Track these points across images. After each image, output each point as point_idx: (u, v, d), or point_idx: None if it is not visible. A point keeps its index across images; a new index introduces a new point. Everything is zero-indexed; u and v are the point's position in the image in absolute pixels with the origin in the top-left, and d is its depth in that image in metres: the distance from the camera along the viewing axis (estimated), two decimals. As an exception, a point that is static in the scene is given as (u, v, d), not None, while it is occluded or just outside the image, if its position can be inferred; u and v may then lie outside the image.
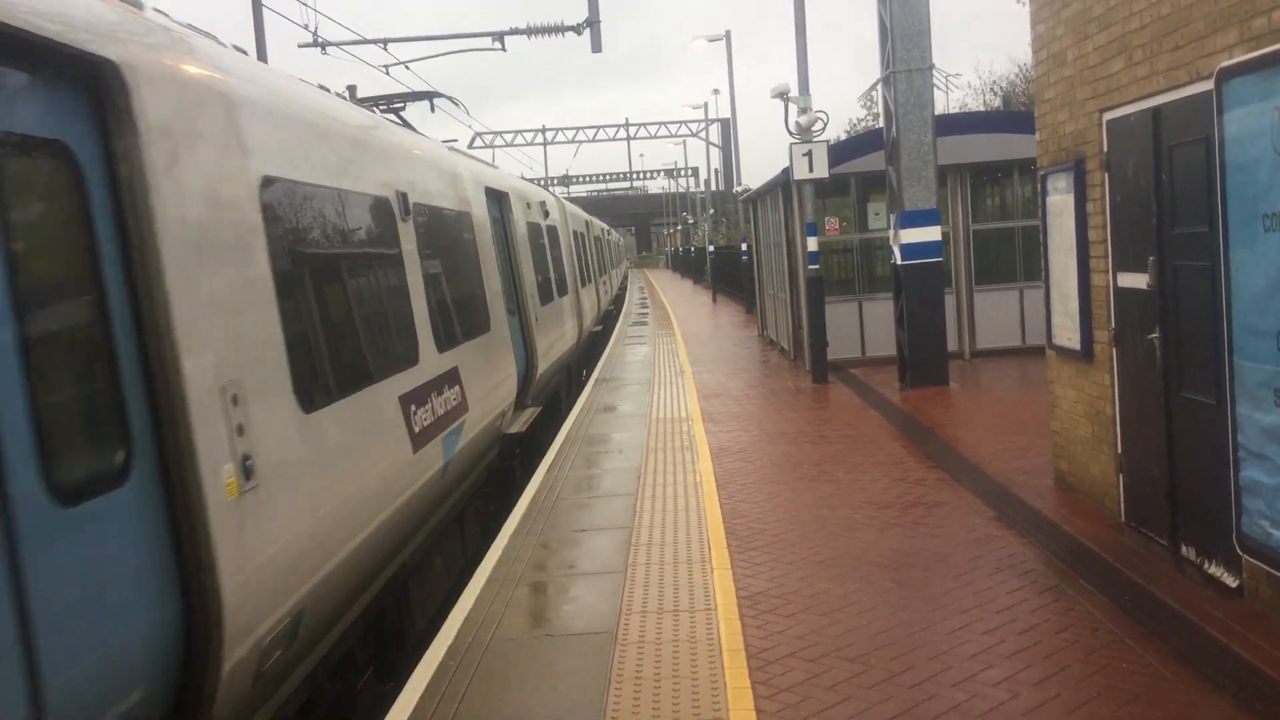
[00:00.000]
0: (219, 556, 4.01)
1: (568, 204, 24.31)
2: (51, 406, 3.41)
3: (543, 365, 13.23)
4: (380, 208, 7.11)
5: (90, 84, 3.81)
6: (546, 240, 16.33)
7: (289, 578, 4.70)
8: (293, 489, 4.86)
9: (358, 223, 6.61)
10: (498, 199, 12.53)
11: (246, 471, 4.37)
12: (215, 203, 4.53)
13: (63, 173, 3.60)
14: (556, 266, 17.16)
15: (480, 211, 10.90)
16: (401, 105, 10.68)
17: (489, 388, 9.51)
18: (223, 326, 4.41)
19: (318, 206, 5.84)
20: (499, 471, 10.61)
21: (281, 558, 4.63)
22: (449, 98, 13.04)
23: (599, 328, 26.40)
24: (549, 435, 13.29)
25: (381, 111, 9.75)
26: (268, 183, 5.08)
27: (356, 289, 6.43)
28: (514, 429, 10.88)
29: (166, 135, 4.14)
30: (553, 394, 15.47)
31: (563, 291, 17.28)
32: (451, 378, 8.10)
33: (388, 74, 22.60)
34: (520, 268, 12.89)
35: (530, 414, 11.82)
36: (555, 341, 15.08)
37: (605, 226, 43.79)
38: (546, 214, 16.94)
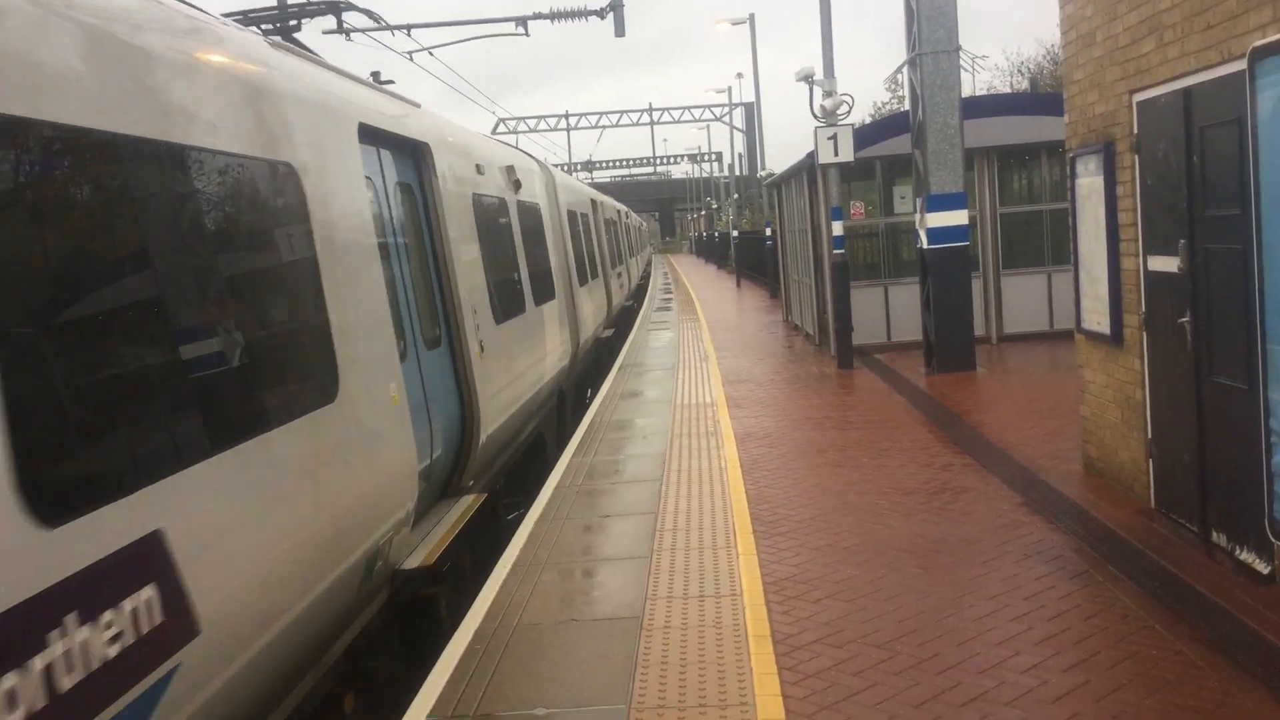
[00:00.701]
0: None
1: (562, 175, 18.39)
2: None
3: (494, 422, 8.54)
4: None
5: None
6: (517, 224, 11.39)
7: None
8: None
9: None
10: (411, 153, 7.78)
11: None
12: None
13: None
14: (536, 261, 12.29)
15: (335, 169, 5.87)
16: (295, 24, 7.96)
17: (316, 530, 4.90)
18: None
19: None
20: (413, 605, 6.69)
21: None
22: (364, 10, 11.15)
23: (609, 332, 20.97)
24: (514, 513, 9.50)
25: (265, 32, 6.84)
26: None
27: None
28: (414, 562, 6.38)
29: None
30: (526, 451, 10.97)
31: (545, 296, 12.36)
32: (105, 591, 3.36)
33: (411, 59, 22.63)
34: (453, 269, 8.02)
35: (464, 511, 7.37)
36: (526, 376, 10.36)
37: (623, 208, 37.18)
38: (518, 185, 11.74)
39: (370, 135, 6.78)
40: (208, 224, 4.57)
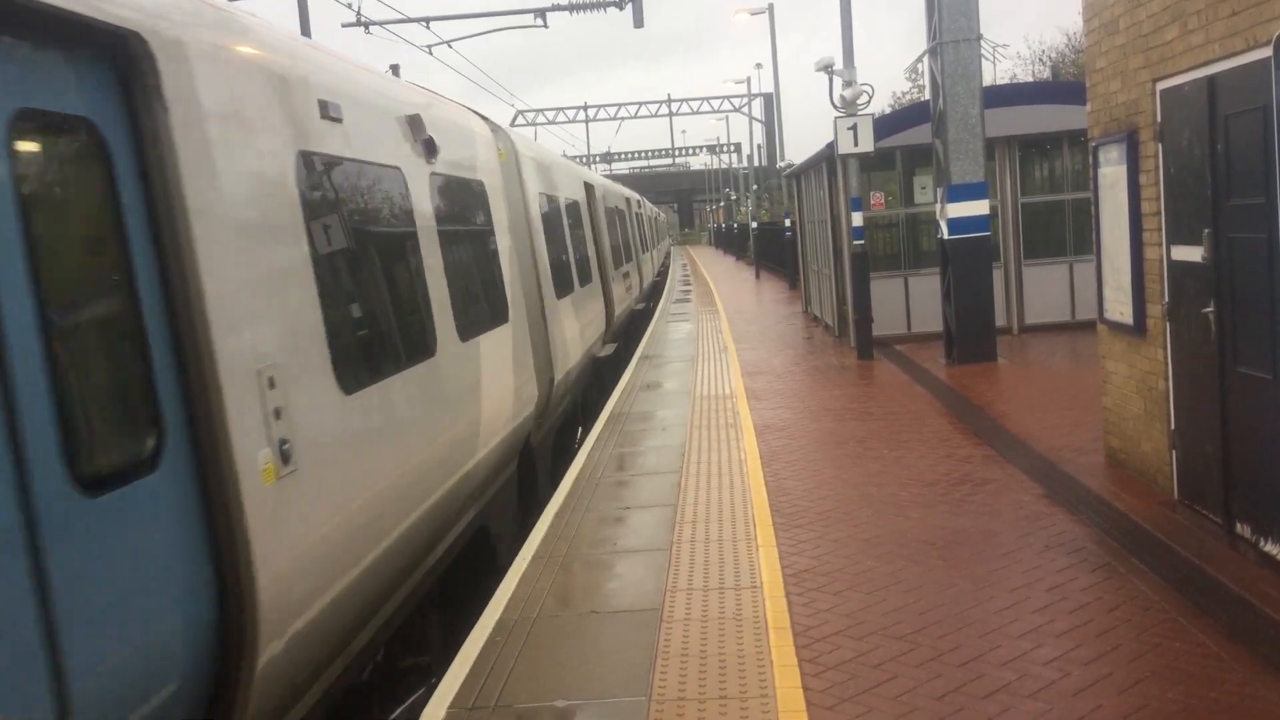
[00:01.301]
0: None
1: (533, 145, 13.24)
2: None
3: (311, 605, 4.44)
4: None
5: None
6: (429, 212, 7.07)
7: None
8: None
9: None
10: (97, 54, 3.67)
11: None
12: None
13: None
14: (469, 271, 7.89)
15: None
16: None
17: None
18: None
19: None
20: None
21: None
22: None
23: (609, 350, 16.36)
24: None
25: None
26: None
27: None
28: None
29: None
30: (459, 557, 7.16)
31: (488, 321, 8.09)
32: None
33: (430, 53, 22.68)
34: (203, 303, 3.89)
35: None
36: (431, 466, 6.17)
37: (634, 195, 31.60)
38: (431, 149, 7.31)
39: None
40: None
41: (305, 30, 20.01)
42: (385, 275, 6.06)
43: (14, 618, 2.89)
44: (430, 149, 7.30)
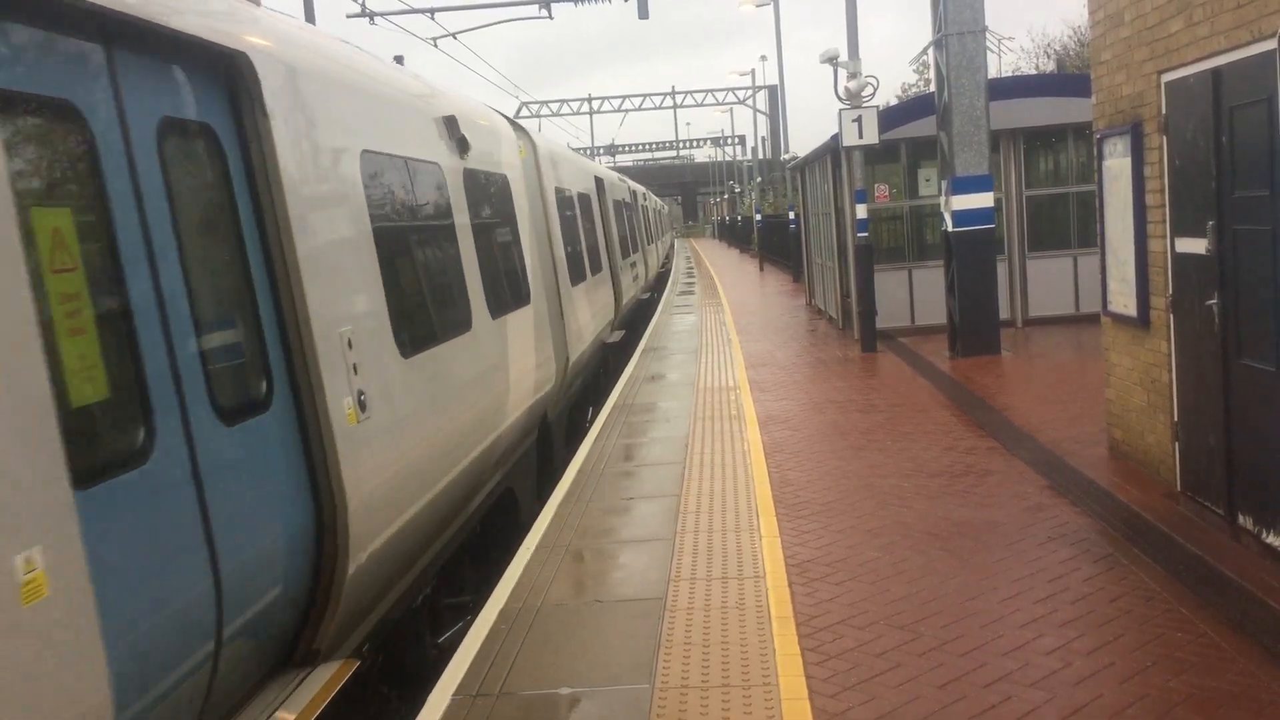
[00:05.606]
0: None
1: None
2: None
3: (380, 533, 5.22)
4: None
5: None
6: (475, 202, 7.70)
7: None
8: None
9: None
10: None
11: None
12: None
13: None
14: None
15: None
16: None
17: None
18: None
19: None
20: None
21: None
22: None
23: (616, 336, 16.70)
24: None
25: None
26: None
27: None
28: None
29: None
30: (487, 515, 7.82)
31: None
32: None
33: (435, 46, 22.67)
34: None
35: None
36: (471, 413, 6.95)
37: (639, 189, 30.22)
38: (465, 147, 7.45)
39: None
40: None
41: (309, 21, 20.00)
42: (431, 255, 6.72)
43: (205, 506, 3.86)
44: (464, 146, 7.74)
